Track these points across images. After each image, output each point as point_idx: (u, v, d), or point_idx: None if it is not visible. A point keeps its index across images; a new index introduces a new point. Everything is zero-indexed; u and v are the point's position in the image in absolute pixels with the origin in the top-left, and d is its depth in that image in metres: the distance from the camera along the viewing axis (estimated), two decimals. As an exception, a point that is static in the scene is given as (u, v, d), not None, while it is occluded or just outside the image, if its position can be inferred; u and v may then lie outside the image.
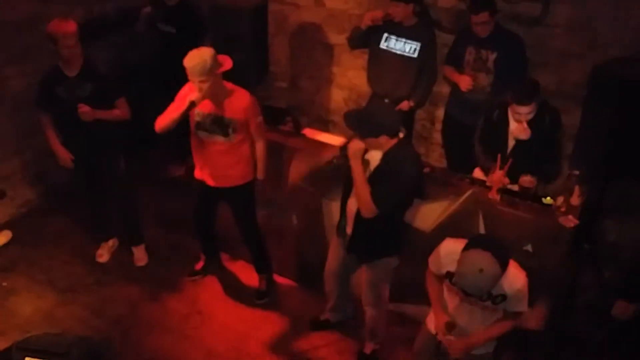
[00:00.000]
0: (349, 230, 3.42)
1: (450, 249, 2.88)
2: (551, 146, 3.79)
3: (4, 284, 4.35)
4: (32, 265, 4.52)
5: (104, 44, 4.98)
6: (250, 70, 4.73)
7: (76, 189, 4.49)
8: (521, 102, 3.62)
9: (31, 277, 4.42)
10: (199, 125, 3.71)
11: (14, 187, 4.94)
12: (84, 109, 3.84)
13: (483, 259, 2.56)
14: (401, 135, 3.17)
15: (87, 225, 4.73)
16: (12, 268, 4.49)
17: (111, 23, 5.16)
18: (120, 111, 4.04)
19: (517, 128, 3.76)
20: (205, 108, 3.63)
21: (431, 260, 3.03)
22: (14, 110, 4.76)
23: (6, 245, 4.70)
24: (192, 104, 3.49)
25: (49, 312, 4.16)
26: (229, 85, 3.66)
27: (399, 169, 3.10)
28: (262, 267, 4.34)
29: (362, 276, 3.60)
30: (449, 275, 2.89)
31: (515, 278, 2.77)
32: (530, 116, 3.67)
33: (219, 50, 3.58)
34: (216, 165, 3.81)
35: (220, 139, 3.70)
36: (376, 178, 3.15)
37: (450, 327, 2.86)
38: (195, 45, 4.26)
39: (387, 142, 3.12)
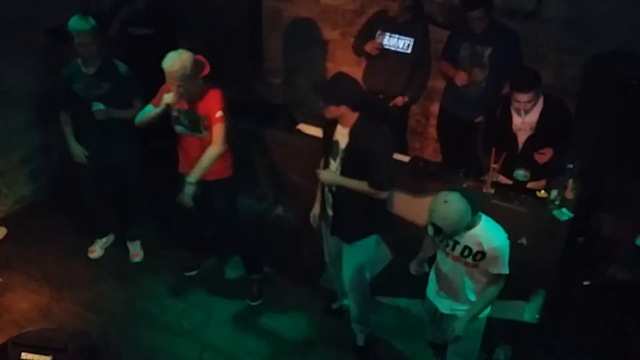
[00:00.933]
0: (330, 212, 3.49)
1: None
2: (564, 139, 3.77)
3: (0, 280, 4.35)
4: (28, 262, 4.52)
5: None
6: (244, 66, 4.74)
7: (74, 185, 4.45)
8: (521, 90, 3.62)
9: (27, 274, 4.42)
10: (176, 120, 3.74)
11: (9, 184, 4.94)
12: (99, 109, 3.90)
13: (449, 195, 2.82)
14: (357, 112, 3.21)
15: (82, 221, 4.71)
16: (7, 264, 4.48)
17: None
18: (135, 110, 4.01)
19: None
20: (179, 105, 3.66)
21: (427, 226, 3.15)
22: (9, 106, 4.74)
23: (1, 241, 4.68)
24: (167, 107, 3.57)
25: (45, 307, 4.15)
26: (206, 84, 3.65)
27: (368, 144, 3.19)
28: (253, 268, 4.30)
29: (344, 258, 3.61)
30: (434, 230, 2.98)
31: (493, 235, 2.90)
32: (529, 105, 3.67)
33: (213, 47, 3.58)
34: (194, 159, 3.78)
35: (196, 135, 3.73)
36: (349, 157, 3.26)
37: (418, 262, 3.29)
38: (173, 46, 4.29)
39: (349, 114, 3.20)
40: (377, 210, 3.47)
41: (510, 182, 3.73)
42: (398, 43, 4.51)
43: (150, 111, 3.71)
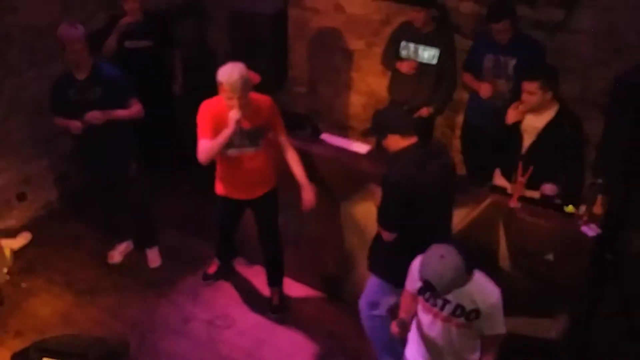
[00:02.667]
0: None
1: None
2: (573, 157, 3.71)
3: (23, 284, 4.39)
4: (51, 267, 4.56)
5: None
6: (270, 75, 4.73)
7: (91, 192, 4.53)
8: (526, 79, 3.63)
9: (49, 279, 4.46)
10: (227, 144, 3.55)
11: (34, 190, 5.00)
12: (92, 114, 3.88)
13: (445, 248, 2.61)
14: (413, 139, 3.11)
15: (104, 228, 4.75)
16: (31, 269, 4.53)
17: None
18: (131, 111, 4.07)
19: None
20: (243, 124, 3.52)
21: (407, 280, 2.96)
22: (35, 114, 4.81)
23: (25, 247, 4.74)
24: (238, 123, 3.41)
25: (67, 313, 4.18)
26: (253, 95, 3.57)
27: (386, 174, 3.09)
28: (276, 279, 4.25)
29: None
30: (421, 289, 2.76)
31: (488, 292, 2.71)
32: (535, 98, 3.61)
33: (239, 56, 3.58)
34: (247, 178, 3.75)
35: (250, 150, 3.64)
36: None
37: (401, 324, 2.90)
38: (169, 59, 4.30)
39: (397, 143, 3.10)
40: (390, 257, 3.27)
41: (537, 195, 3.66)
42: (423, 54, 4.48)
43: (212, 143, 3.47)
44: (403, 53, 4.56)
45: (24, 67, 4.64)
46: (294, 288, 4.40)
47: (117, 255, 4.66)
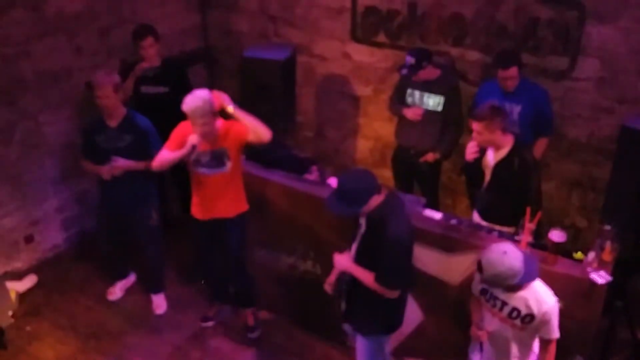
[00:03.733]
0: (342, 304, 3.34)
1: None
2: (522, 192, 3.72)
3: (28, 328, 4.36)
4: (56, 311, 4.53)
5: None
6: (278, 119, 4.79)
7: (100, 232, 4.55)
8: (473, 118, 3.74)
9: (55, 323, 4.42)
10: (196, 163, 3.79)
11: (42, 232, 5.00)
12: (116, 162, 3.99)
13: (507, 245, 2.79)
14: (384, 190, 3.01)
15: (108, 269, 4.76)
16: (36, 313, 4.50)
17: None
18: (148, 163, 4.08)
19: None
20: (201, 147, 3.71)
21: (473, 284, 3.14)
22: (47, 157, 4.88)
23: (31, 289, 4.71)
24: (194, 148, 3.61)
25: (71, 358, 4.14)
26: (220, 120, 3.76)
27: (383, 232, 2.92)
28: (247, 301, 4.34)
29: (357, 345, 3.42)
30: (483, 291, 3.00)
31: (543, 299, 2.85)
32: (482, 137, 3.70)
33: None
34: (215, 198, 3.89)
35: (218, 171, 3.80)
36: (364, 243, 3.09)
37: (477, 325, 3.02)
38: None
39: (376, 200, 2.95)
40: (389, 309, 3.20)
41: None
42: (428, 101, 4.54)
43: (168, 155, 3.74)
44: (409, 100, 4.62)
45: (36, 110, 4.71)
46: (297, 332, 4.35)
47: (117, 291, 4.66)
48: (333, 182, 4.29)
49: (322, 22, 5.45)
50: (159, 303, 4.59)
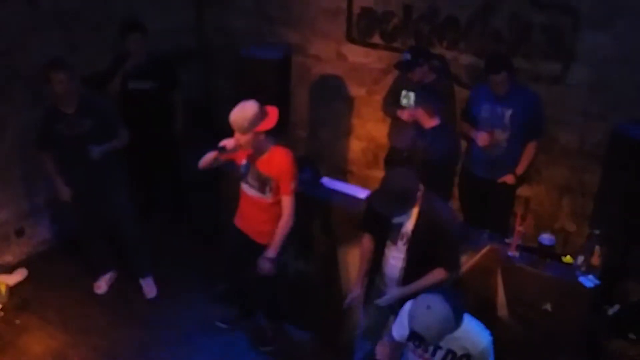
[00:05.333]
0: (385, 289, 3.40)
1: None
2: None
3: (17, 321, 4.34)
4: (46, 305, 4.52)
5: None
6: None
7: (78, 224, 4.53)
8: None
9: (44, 317, 4.41)
10: (241, 176, 3.76)
11: (32, 226, 4.99)
12: (94, 151, 3.95)
13: (432, 299, 2.57)
14: (422, 187, 3.18)
15: (91, 263, 4.73)
16: (25, 306, 4.48)
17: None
18: (123, 140, 4.15)
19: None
20: (248, 160, 3.68)
21: (395, 327, 2.95)
22: (37, 151, 4.85)
23: (21, 283, 4.69)
24: (222, 149, 3.54)
25: (60, 352, 4.13)
26: (272, 142, 3.67)
27: (440, 222, 3.10)
28: (270, 313, 4.28)
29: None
30: (413, 335, 2.71)
31: (478, 337, 2.73)
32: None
33: (243, 99, 3.63)
34: (251, 218, 3.85)
35: (255, 193, 3.73)
36: (418, 239, 3.15)
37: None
38: (170, 101, 4.29)
39: (418, 199, 3.13)
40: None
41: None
42: (424, 103, 4.56)
43: (209, 155, 3.67)
44: (403, 102, 4.64)
45: (28, 105, 4.69)
46: (290, 332, 4.37)
47: (103, 285, 4.65)
48: (326, 181, 4.32)
49: (317, 23, 5.47)
50: (149, 288, 4.60)
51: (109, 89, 4.84)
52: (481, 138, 4.36)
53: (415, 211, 3.14)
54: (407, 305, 2.82)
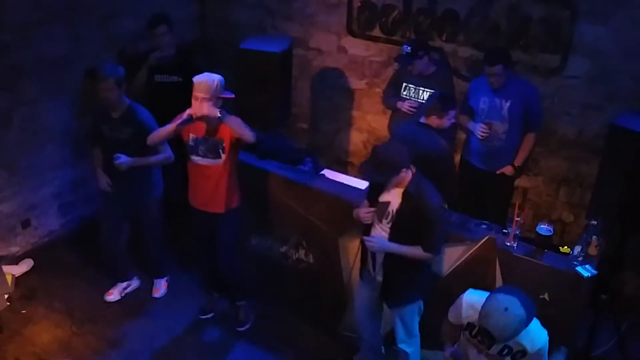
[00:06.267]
0: (379, 277, 3.47)
1: (473, 300, 2.89)
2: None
3: (23, 311, 4.41)
4: (52, 295, 4.58)
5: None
6: (273, 111, 4.86)
7: (102, 227, 4.45)
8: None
9: (50, 306, 4.48)
10: (191, 149, 3.86)
11: (39, 217, 5.05)
12: (120, 159, 4.00)
13: (509, 300, 2.61)
14: (413, 169, 3.25)
15: (105, 267, 4.70)
16: (32, 296, 4.55)
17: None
18: (160, 156, 4.15)
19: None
20: (198, 133, 3.80)
21: (451, 310, 3.05)
22: (46, 143, 4.92)
23: (27, 273, 4.76)
24: (190, 118, 3.66)
25: (66, 341, 4.20)
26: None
27: (424, 204, 3.17)
28: (238, 295, 4.40)
29: (395, 319, 3.60)
30: (469, 327, 2.88)
31: (538, 336, 2.78)
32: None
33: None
34: (206, 189, 3.94)
35: (210, 161, 3.85)
36: (402, 219, 3.23)
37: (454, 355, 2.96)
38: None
39: (406, 176, 3.21)
40: (425, 274, 3.51)
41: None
42: (423, 95, 4.61)
43: (163, 128, 3.84)
44: (404, 94, 4.69)
45: (34, 97, 4.75)
46: (290, 321, 4.42)
47: (115, 292, 4.61)
48: (327, 173, 4.37)
49: (318, 16, 5.51)
50: (159, 287, 4.67)
51: (132, 85, 4.83)
52: (480, 130, 4.42)
53: (400, 191, 3.23)
54: (470, 296, 2.92)
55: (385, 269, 3.40)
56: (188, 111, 3.68)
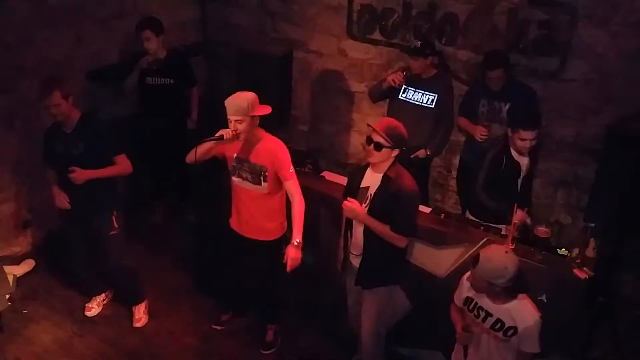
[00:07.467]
0: (355, 262, 3.56)
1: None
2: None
3: (25, 311, 4.43)
4: (53, 295, 4.60)
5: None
6: (274, 113, 4.86)
7: (68, 244, 4.33)
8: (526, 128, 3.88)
9: (51, 306, 4.50)
10: (233, 170, 3.72)
11: (39, 218, 5.05)
12: (74, 172, 3.77)
13: (512, 253, 2.87)
14: (395, 154, 3.35)
15: (80, 281, 4.54)
16: (33, 296, 4.57)
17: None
18: (117, 168, 3.93)
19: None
20: (239, 153, 3.65)
21: (456, 294, 3.18)
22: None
23: (28, 274, 4.78)
24: (221, 137, 3.47)
25: (67, 341, 4.21)
26: (263, 132, 3.67)
27: (400, 188, 3.28)
28: (271, 317, 4.27)
29: (364, 306, 3.62)
30: (468, 300, 3.02)
31: (528, 314, 2.89)
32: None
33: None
34: (245, 215, 3.79)
35: (250, 186, 3.69)
36: (378, 201, 3.34)
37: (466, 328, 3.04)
38: (186, 96, 4.15)
39: (389, 158, 3.32)
40: (399, 260, 3.54)
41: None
42: (422, 98, 4.63)
43: (199, 147, 3.56)
44: (402, 96, 4.69)
45: (35, 98, 4.75)
46: (291, 321, 4.43)
47: (95, 307, 4.46)
48: (327, 175, 4.40)
49: (319, 19, 5.54)
50: (139, 316, 4.39)
51: (124, 86, 4.92)
52: (479, 132, 4.45)
53: (380, 176, 3.35)
54: (468, 273, 3.05)
55: (364, 250, 3.48)
56: (220, 132, 3.50)
